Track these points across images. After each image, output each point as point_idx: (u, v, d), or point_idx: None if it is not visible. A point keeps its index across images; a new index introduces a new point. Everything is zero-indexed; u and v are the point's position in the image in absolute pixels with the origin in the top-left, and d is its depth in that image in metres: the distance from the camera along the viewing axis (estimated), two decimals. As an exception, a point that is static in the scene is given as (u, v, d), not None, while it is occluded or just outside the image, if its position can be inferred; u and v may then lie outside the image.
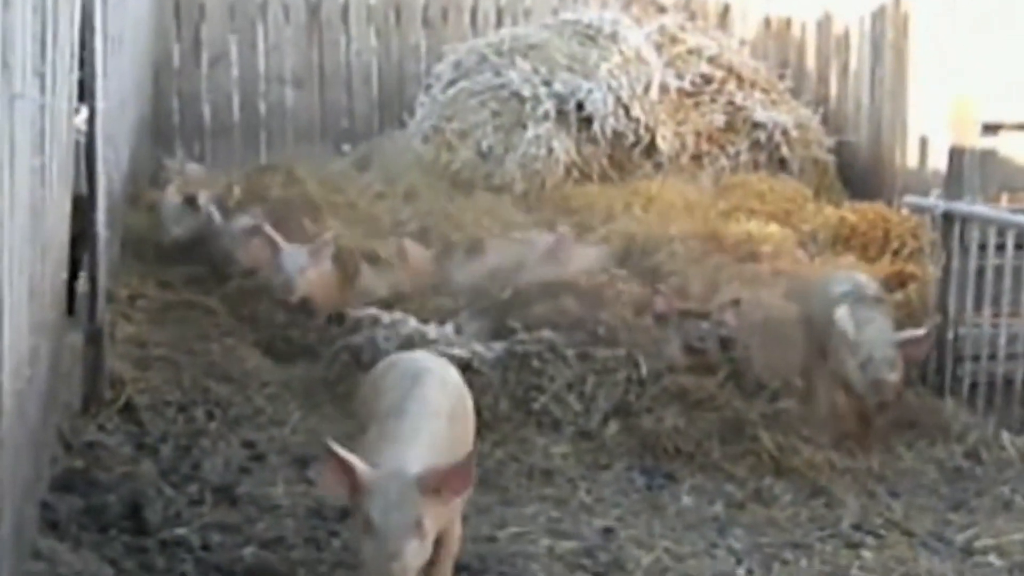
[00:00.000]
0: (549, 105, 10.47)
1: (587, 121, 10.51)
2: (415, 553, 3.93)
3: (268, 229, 7.90)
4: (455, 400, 4.59)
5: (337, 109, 12.24)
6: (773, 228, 8.97)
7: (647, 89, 10.71)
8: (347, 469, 4.02)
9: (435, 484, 3.99)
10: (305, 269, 7.70)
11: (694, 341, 6.77)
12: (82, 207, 6.37)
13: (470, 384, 6.30)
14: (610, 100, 10.52)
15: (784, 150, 10.81)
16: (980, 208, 6.69)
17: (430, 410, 4.37)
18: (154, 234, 8.89)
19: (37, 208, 4.83)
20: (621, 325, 6.90)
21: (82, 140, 6.42)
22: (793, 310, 7.29)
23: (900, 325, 7.00)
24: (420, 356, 5.00)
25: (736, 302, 7.09)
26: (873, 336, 6.22)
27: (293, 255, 7.75)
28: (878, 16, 10.79)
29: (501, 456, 6.02)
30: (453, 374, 4.76)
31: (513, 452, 6.07)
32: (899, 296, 7.52)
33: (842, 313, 6.23)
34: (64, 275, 5.95)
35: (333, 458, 4.06)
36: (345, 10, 12.30)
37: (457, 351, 6.42)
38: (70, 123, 5.94)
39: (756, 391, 6.57)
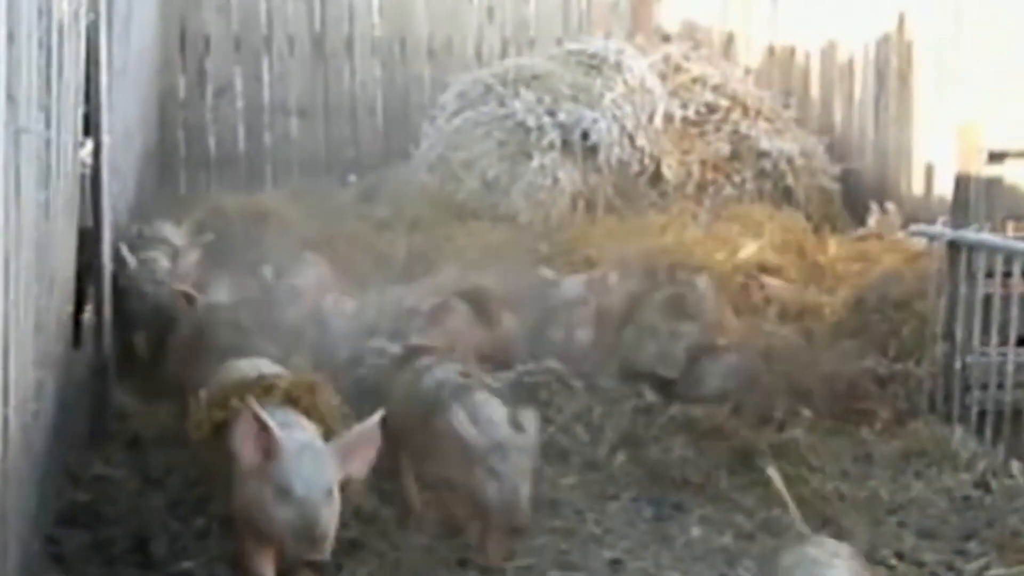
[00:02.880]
0: (554, 135, 10.48)
1: (592, 151, 10.52)
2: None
3: (257, 409, 4.41)
4: None
5: (342, 140, 12.27)
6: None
7: (652, 118, 10.72)
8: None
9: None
10: (330, 488, 4.36)
11: None
12: (88, 240, 6.38)
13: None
14: (615, 129, 10.53)
15: (789, 179, 10.81)
16: (987, 236, 6.67)
17: None
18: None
19: (43, 242, 4.83)
20: None
21: (87, 173, 6.42)
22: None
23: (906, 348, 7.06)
24: None
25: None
26: None
27: (310, 468, 4.34)
28: (882, 44, 10.81)
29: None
30: None
31: (521, 483, 6.04)
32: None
33: None
34: (70, 308, 5.95)
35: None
36: (350, 41, 12.34)
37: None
38: (75, 157, 5.96)
39: (764, 421, 6.55)
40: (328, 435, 4.58)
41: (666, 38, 12.26)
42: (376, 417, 4.54)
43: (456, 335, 6.49)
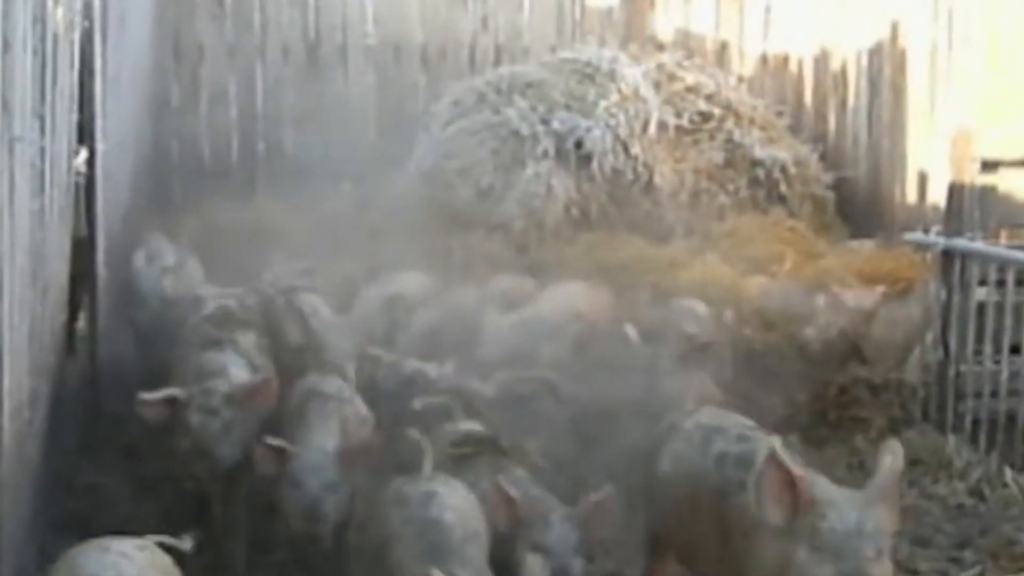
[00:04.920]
0: (548, 143, 10.47)
1: (586, 159, 10.50)
2: None
3: None
4: None
5: (336, 149, 12.25)
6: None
7: (645, 127, 10.71)
8: None
9: None
10: None
11: None
12: (82, 248, 6.38)
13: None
14: (608, 138, 10.52)
15: (783, 187, 10.81)
16: (980, 245, 6.68)
17: None
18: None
19: (37, 250, 4.82)
20: None
21: (82, 182, 6.42)
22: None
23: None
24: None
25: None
26: None
27: None
28: (875, 52, 10.82)
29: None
30: None
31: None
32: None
33: None
34: (64, 316, 5.95)
35: None
36: (343, 50, 12.33)
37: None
38: (70, 165, 5.96)
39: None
40: None
41: (660, 47, 12.25)
42: None
43: None
